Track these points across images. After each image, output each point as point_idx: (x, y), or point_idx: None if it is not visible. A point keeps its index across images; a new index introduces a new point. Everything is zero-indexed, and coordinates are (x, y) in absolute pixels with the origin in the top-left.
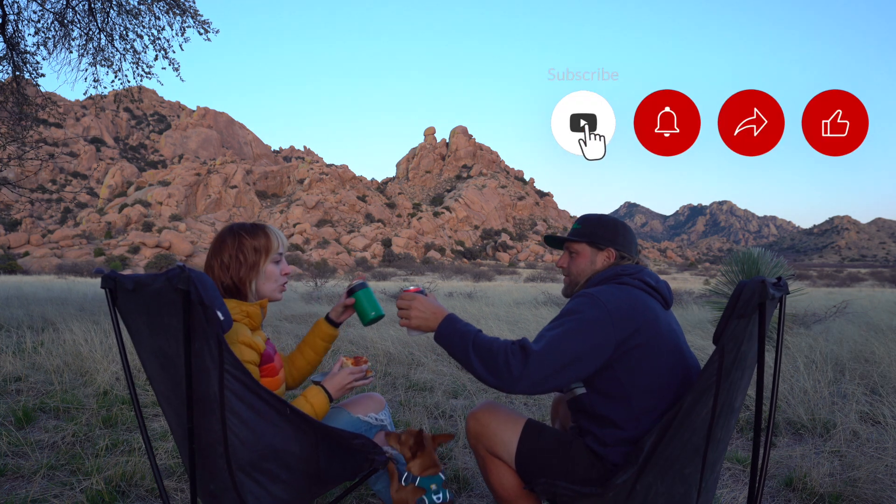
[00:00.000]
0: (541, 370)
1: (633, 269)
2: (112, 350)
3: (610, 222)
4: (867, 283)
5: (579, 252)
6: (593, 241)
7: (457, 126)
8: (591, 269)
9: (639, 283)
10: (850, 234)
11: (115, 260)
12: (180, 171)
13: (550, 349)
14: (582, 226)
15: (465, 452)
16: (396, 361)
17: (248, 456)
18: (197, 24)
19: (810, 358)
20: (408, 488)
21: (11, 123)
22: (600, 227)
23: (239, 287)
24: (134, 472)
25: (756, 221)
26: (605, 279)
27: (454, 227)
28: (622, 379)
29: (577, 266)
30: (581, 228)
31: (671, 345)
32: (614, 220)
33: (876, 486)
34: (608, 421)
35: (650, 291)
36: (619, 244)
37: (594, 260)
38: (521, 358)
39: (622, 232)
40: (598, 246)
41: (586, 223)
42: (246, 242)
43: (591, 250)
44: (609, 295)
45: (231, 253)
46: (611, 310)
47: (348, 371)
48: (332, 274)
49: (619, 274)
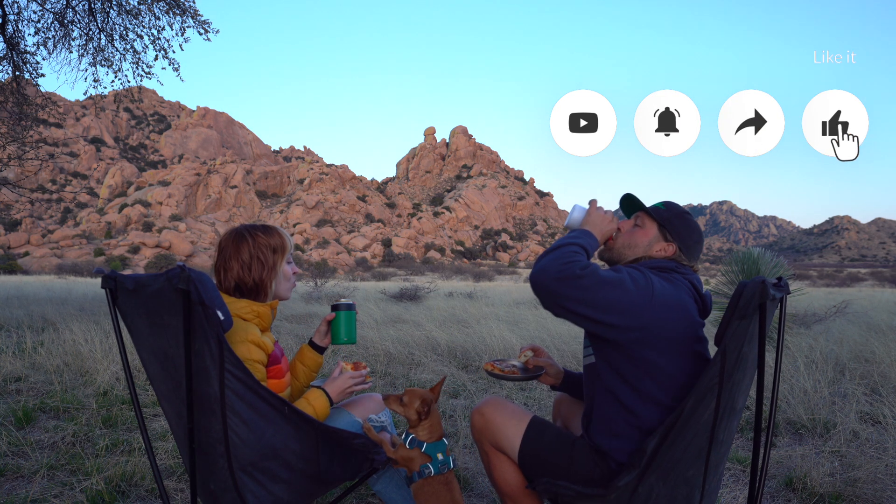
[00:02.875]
0: (577, 290)
1: (686, 270)
2: (112, 350)
3: (691, 222)
4: (867, 283)
5: (645, 228)
6: (665, 226)
7: (457, 126)
8: (644, 251)
9: (687, 283)
10: (850, 234)
11: (115, 260)
12: (180, 171)
13: (596, 282)
14: (665, 207)
15: (465, 452)
16: (396, 361)
17: (248, 455)
18: (197, 24)
19: (810, 358)
20: (413, 451)
21: (11, 123)
22: (679, 219)
23: (260, 287)
24: (134, 472)
25: (756, 221)
26: (657, 268)
27: (454, 227)
28: (640, 367)
29: (634, 239)
30: (663, 210)
31: (695, 350)
32: (696, 223)
33: (876, 486)
34: (621, 404)
35: (695, 295)
36: (685, 244)
37: (652, 244)
38: (565, 263)
39: (696, 238)
40: (665, 234)
41: (669, 208)
42: (263, 242)
43: (657, 233)
44: (658, 280)
45: (251, 253)
46: (656, 292)
47: (349, 375)
48: (332, 274)
49: (673, 269)
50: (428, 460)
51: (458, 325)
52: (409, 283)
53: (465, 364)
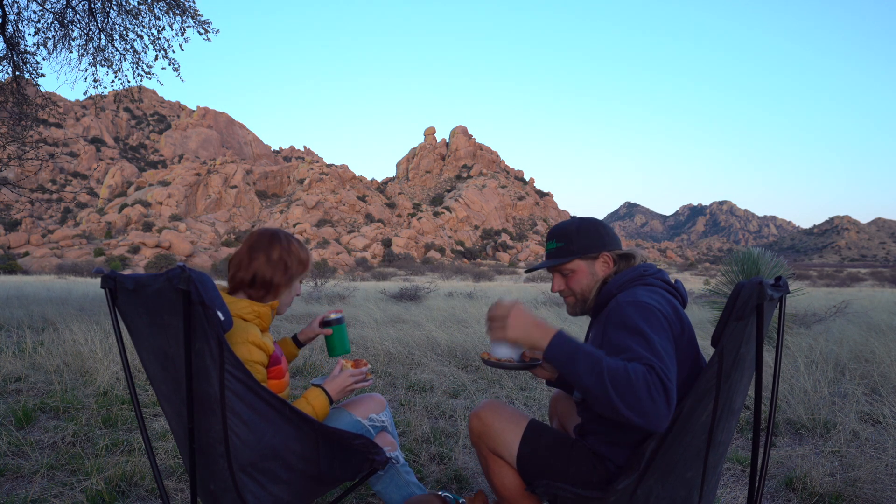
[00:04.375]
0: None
1: (652, 269)
2: (112, 350)
3: (586, 228)
4: (867, 283)
5: (575, 270)
6: (584, 252)
7: (457, 126)
8: (594, 280)
9: (661, 283)
10: (850, 234)
11: (115, 260)
12: (180, 171)
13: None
14: (563, 243)
15: (465, 452)
16: (396, 361)
17: (248, 456)
18: (197, 24)
19: (810, 358)
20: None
21: (11, 123)
22: (580, 236)
23: (271, 288)
24: (134, 472)
25: (756, 221)
26: (630, 281)
27: (454, 227)
28: None
29: (580, 283)
30: (564, 246)
31: (693, 352)
32: (590, 222)
33: (876, 486)
34: (619, 424)
35: (672, 291)
36: (607, 245)
37: (594, 271)
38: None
39: (604, 231)
40: (591, 257)
41: (564, 239)
42: (295, 250)
43: (586, 263)
44: (650, 298)
45: (281, 254)
46: (664, 312)
47: (349, 373)
48: (332, 274)
49: (643, 275)
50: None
51: (458, 325)
52: (409, 283)
53: (465, 364)
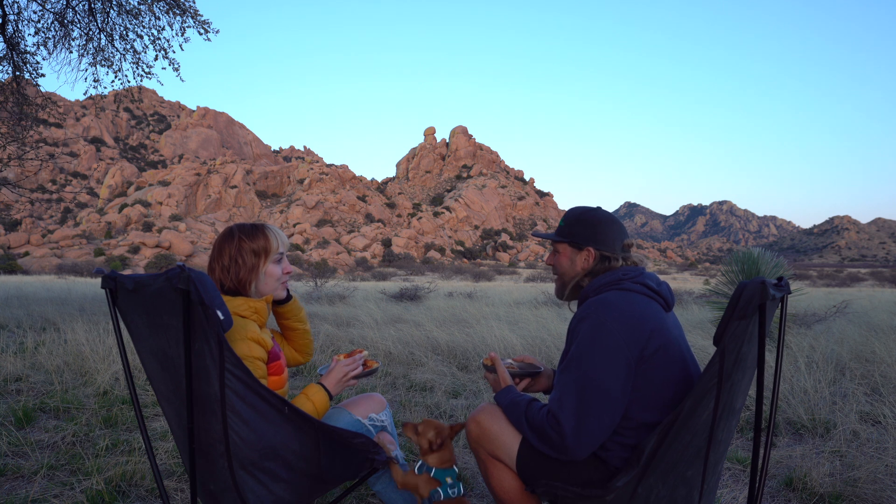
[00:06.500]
0: (587, 432)
1: (634, 273)
2: (112, 350)
3: (588, 219)
4: (867, 283)
5: (560, 251)
6: (572, 239)
7: (457, 126)
8: (572, 269)
9: (640, 287)
10: (850, 234)
11: (115, 260)
12: (180, 171)
13: (584, 411)
14: (565, 223)
15: (465, 452)
16: (396, 361)
17: (249, 455)
18: (197, 24)
19: (811, 358)
20: (421, 476)
21: (11, 123)
22: (578, 224)
23: (239, 289)
24: (134, 472)
25: (756, 221)
26: (606, 285)
27: (454, 227)
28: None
29: (561, 265)
30: (564, 227)
31: (677, 355)
32: (595, 215)
33: (876, 486)
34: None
35: (652, 295)
36: (598, 242)
37: (574, 260)
38: (557, 433)
39: (602, 229)
40: (577, 245)
41: (568, 220)
42: (245, 246)
43: (571, 250)
44: (614, 311)
45: (231, 255)
46: (620, 332)
47: (343, 364)
48: (332, 274)
49: (620, 279)
50: (437, 485)
51: (458, 325)
52: (409, 283)
53: (466, 364)
